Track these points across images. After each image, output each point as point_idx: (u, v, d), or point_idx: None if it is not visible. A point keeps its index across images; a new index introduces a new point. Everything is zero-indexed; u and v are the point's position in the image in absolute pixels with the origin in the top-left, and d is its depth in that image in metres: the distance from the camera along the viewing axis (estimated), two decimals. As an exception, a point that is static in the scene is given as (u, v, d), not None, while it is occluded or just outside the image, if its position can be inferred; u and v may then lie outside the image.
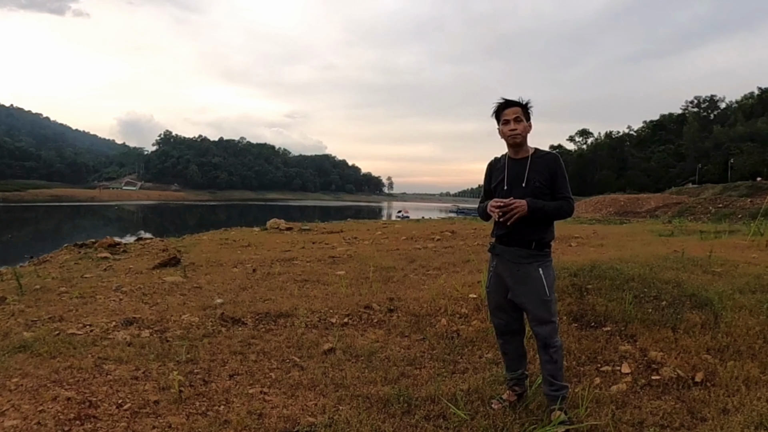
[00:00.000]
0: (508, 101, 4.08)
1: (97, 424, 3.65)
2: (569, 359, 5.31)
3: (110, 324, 5.94)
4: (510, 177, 4.06)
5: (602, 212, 71.57)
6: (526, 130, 4.06)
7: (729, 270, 8.78)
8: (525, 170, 4.03)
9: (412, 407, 4.13)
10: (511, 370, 4.30)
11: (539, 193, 3.96)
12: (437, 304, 6.93)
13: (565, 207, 4.06)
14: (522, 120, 4.03)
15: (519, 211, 3.84)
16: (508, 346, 4.30)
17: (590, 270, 7.77)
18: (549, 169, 4.04)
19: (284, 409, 4.03)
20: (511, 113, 4.02)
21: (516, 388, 4.28)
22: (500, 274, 4.13)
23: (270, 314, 6.53)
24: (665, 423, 4.05)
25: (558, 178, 4.05)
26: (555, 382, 4.01)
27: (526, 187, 3.98)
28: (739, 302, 6.60)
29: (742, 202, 60.42)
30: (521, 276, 4.01)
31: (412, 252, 12.90)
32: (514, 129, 4.00)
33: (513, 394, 4.27)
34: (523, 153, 4.10)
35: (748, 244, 14.00)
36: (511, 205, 3.83)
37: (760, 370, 4.97)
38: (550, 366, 4.01)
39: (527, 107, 4.10)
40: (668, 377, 4.87)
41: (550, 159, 4.10)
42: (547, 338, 3.99)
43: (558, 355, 4.03)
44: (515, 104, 4.06)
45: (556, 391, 3.99)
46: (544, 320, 3.99)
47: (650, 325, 5.99)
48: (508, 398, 4.26)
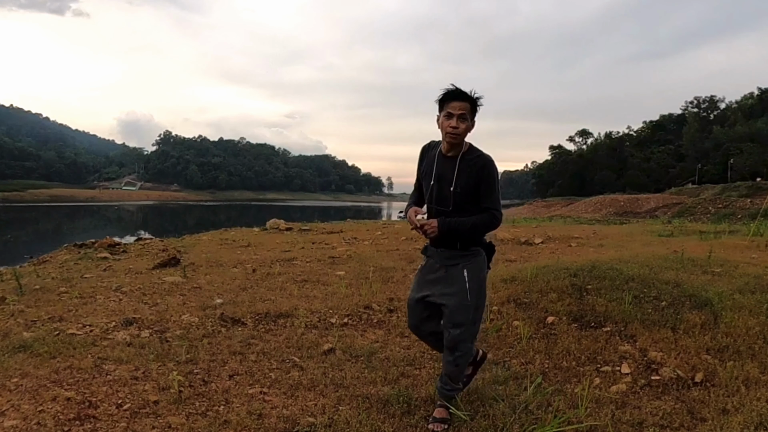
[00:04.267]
0: (459, 92, 3.67)
1: (97, 424, 3.65)
2: (569, 359, 5.32)
3: (110, 324, 5.94)
4: (438, 174, 3.82)
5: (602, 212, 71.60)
6: (467, 130, 3.71)
7: (729, 270, 8.78)
8: (453, 172, 3.76)
9: (412, 407, 4.13)
10: None
11: (461, 199, 3.75)
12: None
13: (486, 222, 3.80)
14: (467, 119, 3.68)
15: (432, 233, 3.73)
16: (438, 346, 4.15)
17: (590, 270, 7.77)
18: (475, 176, 3.74)
19: (284, 409, 4.03)
20: (458, 107, 3.65)
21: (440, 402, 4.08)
22: (425, 274, 4.01)
23: (270, 314, 6.53)
24: (665, 423, 4.05)
25: (483, 187, 3.75)
26: (450, 383, 3.96)
27: (449, 190, 3.76)
28: (738, 302, 6.60)
29: (741, 203, 60.44)
30: (448, 278, 3.85)
31: (412, 252, 12.88)
32: (455, 127, 3.64)
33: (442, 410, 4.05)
34: (455, 151, 3.78)
35: (748, 245, 14.00)
36: (425, 227, 3.72)
37: (759, 371, 4.97)
38: (452, 368, 3.91)
39: (477, 104, 3.72)
40: (668, 377, 4.87)
41: (478, 165, 3.76)
42: (458, 342, 3.82)
43: (462, 360, 3.91)
44: (466, 98, 3.67)
45: (449, 391, 3.96)
46: (458, 323, 3.81)
47: (650, 326, 5.99)
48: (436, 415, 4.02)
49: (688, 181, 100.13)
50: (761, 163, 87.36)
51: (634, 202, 77.29)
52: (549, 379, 4.86)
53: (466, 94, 3.66)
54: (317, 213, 69.31)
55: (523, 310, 6.63)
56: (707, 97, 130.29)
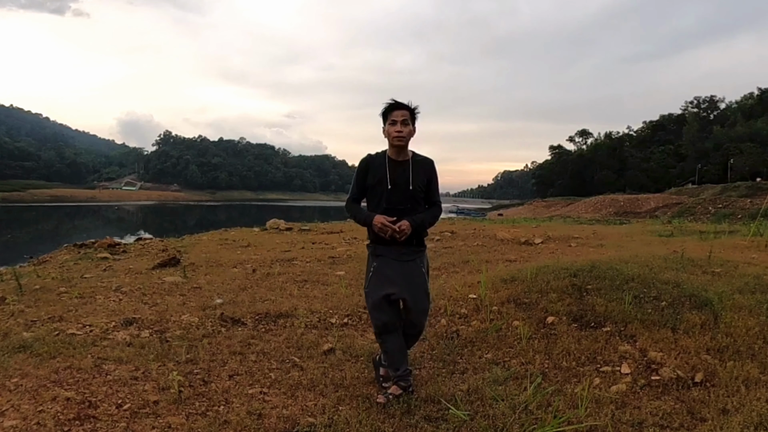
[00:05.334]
0: (398, 103, 4.25)
1: (97, 424, 3.65)
2: (569, 359, 5.31)
3: (110, 324, 5.94)
4: (392, 178, 4.25)
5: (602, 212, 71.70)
6: (410, 134, 4.25)
7: (729, 270, 8.78)
8: (408, 173, 4.27)
9: (411, 408, 4.13)
10: (395, 368, 4.40)
11: (418, 197, 4.30)
12: (437, 305, 6.92)
13: (438, 213, 4.50)
14: (408, 124, 4.22)
15: (407, 233, 4.15)
16: (389, 344, 4.41)
17: (590, 270, 7.77)
18: (427, 175, 4.37)
19: (284, 409, 4.03)
20: (400, 115, 4.20)
21: (402, 383, 4.37)
22: (383, 274, 4.30)
23: (270, 314, 6.53)
24: (665, 423, 4.05)
25: (433, 183, 4.43)
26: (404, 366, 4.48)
27: (407, 190, 4.25)
28: (738, 302, 6.59)
29: (741, 203, 60.52)
30: (408, 272, 4.30)
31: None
32: (400, 131, 4.18)
33: (398, 388, 4.34)
34: (404, 155, 4.32)
35: (748, 245, 13.99)
36: (400, 230, 4.10)
37: (759, 371, 4.97)
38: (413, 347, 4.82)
39: (415, 112, 4.29)
40: (668, 377, 4.87)
41: (428, 164, 4.41)
42: (422, 327, 4.56)
43: None
44: (404, 107, 4.24)
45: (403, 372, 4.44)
46: (425, 310, 4.47)
47: (650, 326, 5.99)
48: (393, 392, 4.30)
49: (688, 181, 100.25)
50: (761, 163, 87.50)
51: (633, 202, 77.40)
52: (549, 379, 4.85)
53: (404, 104, 4.26)
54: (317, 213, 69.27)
55: (523, 310, 6.62)
56: (707, 98, 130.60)
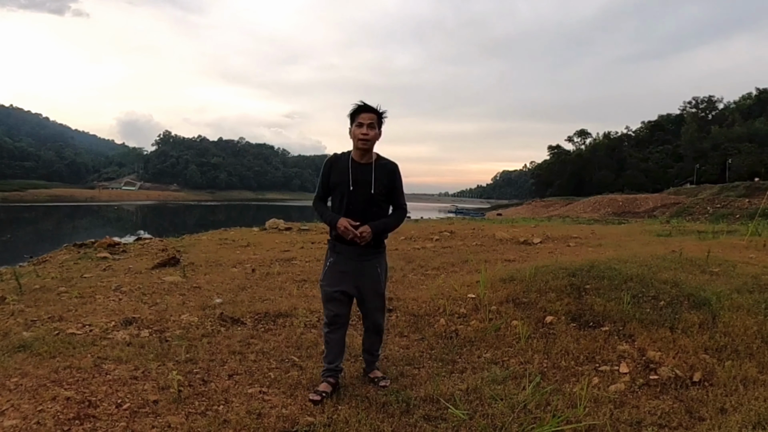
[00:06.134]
0: (366, 106, 4.30)
1: (97, 423, 3.65)
2: (567, 359, 5.32)
3: (110, 324, 5.94)
4: (355, 179, 4.30)
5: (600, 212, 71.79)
6: (376, 137, 4.30)
7: (727, 270, 8.78)
8: (371, 175, 4.32)
9: (410, 407, 4.14)
10: (329, 361, 4.50)
11: (379, 200, 4.36)
12: (436, 304, 6.93)
13: (402, 217, 4.55)
14: (375, 127, 4.28)
15: (367, 239, 4.22)
16: (333, 336, 4.51)
17: (588, 270, 7.77)
18: (391, 178, 4.42)
19: (283, 408, 4.03)
20: (367, 118, 4.25)
21: (331, 380, 4.46)
22: (339, 269, 4.40)
23: (269, 314, 6.54)
24: (663, 422, 4.05)
25: (397, 186, 4.47)
26: (376, 353, 4.81)
27: (368, 192, 4.30)
28: (736, 302, 6.60)
29: (740, 203, 60.59)
30: (364, 272, 4.41)
31: (410, 252, 12.90)
32: (366, 134, 4.23)
33: (329, 385, 4.40)
34: (368, 158, 4.36)
35: (746, 245, 14.00)
36: (362, 235, 4.18)
37: (758, 370, 4.98)
38: (377, 345, 4.82)
39: (382, 116, 4.35)
40: (666, 377, 4.87)
41: (391, 168, 4.45)
42: (380, 324, 4.66)
43: (382, 335, 4.84)
44: (373, 111, 4.29)
45: (376, 359, 4.83)
46: (378, 308, 4.58)
47: (648, 325, 5.99)
48: (324, 389, 4.34)
49: (687, 181, 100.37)
50: (759, 163, 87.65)
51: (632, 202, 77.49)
52: (547, 379, 4.86)
53: (373, 107, 4.31)
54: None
55: (522, 310, 6.63)
56: (705, 98, 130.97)
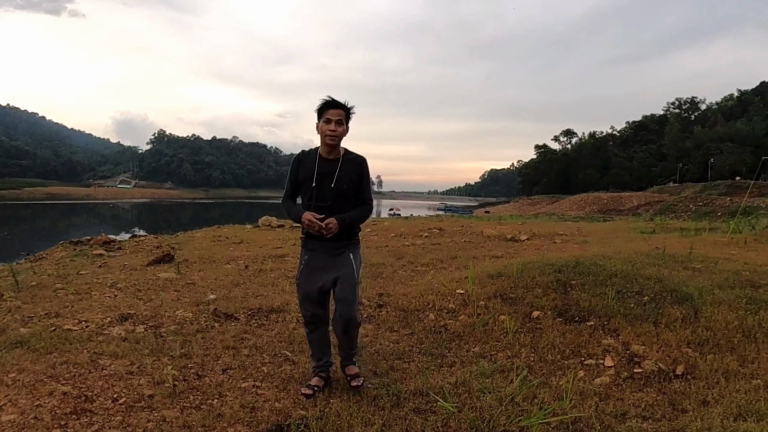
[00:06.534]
0: (335, 102, 4.19)
1: (93, 418, 3.64)
2: (554, 353, 5.34)
3: (105, 320, 5.92)
4: (320, 175, 4.19)
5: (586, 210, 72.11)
6: (343, 133, 4.20)
7: (709, 266, 8.83)
8: (335, 171, 4.20)
9: (401, 400, 4.14)
10: (318, 358, 4.49)
11: (345, 194, 4.23)
12: (425, 300, 6.94)
13: (368, 211, 4.46)
14: (343, 123, 4.17)
15: (333, 231, 4.08)
16: (314, 335, 4.46)
17: (574, 266, 7.80)
18: (357, 173, 4.29)
19: (276, 402, 4.03)
20: (335, 114, 4.14)
21: (322, 374, 4.44)
22: (314, 266, 4.29)
23: (262, 310, 6.53)
24: (647, 414, 4.07)
25: (364, 181, 4.35)
26: (351, 351, 4.48)
27: (334, 187, 4.18)
28: (718, 297, 6.63)
29: (721, 201, 60.99)
30: (337, 264, 4.26)
31: (400, 249, 12.91)
32: (334, 130, 4.12)
33: (320, 379, 4.40)
34: (335, 154, 4.25)
35: (728, 242, 14.08)
36: (327, 227, 4.04)
37: (738, 363, 5.01)
38: (350, 344, 4.43)
39: (350, 112, 4.24)
40: (650, 370, 4.90)
41: (358, 162, 4.33)
42: (352, 319, 4.27)
43: (356, 333, 4.42)
44: (340, 107, 4.19)
45: (353, 355, 4.51)
46: (351, 300, 4.26)
47: (632, 320, 6.02)
48: (316, 383, 4.33)
49: (670, 179, 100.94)
50: (740, 162, 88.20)
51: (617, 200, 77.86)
52: (534, 372, 4.88)
53: (341, 103, 4.20)
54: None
55: (509, 305, 6.64)
56: (688, 99, 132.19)
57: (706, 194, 68.55)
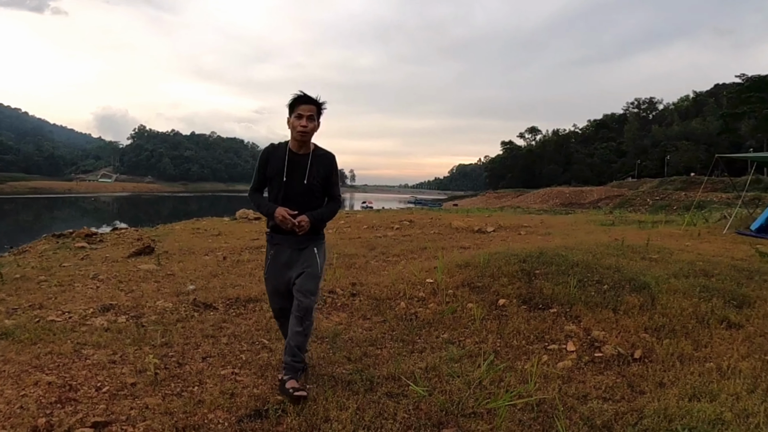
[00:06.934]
0: (307, 97, 4.03)
1: (78, 406, 3.60)
2: (519, 338, 5.38)
3: (88, 311, 5.85)
4: (290, 170, 4.05)
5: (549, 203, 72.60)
6: (314, 129, 4.06)
7: (665, 257, 8.95)
8: (306, 166, 4.06)
9: (374, 385, 4.15)
10: None
11: (314, 190, 4.09)
12: (396, 289, 6.95)
13: (336, 208, 4.29)
14: (314, 119, 4.03)
15: (305, 228, 3.97)
16: (285, 328, 4.27)
17: (538, 256, 7.86)
18: (327, 169, 4.14)
19: (255, 388, 4.02)
20: (307, 110, 3.98)
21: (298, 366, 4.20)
22: (280, 261, 4.15)
23: (240, 299, 6.49)
24: (607, 396, 4.14)
25: (333, 177, 4.19)
26: (299, 353, 4.03)
27: (306, 183, 4.04)
28: (674, 286, 6.74)
29: (677, 195, 61.78)
30: (302, 258, 4.10)
31: (373, 240, 12.90)
32: (305, 126, 3.97)
33: None
34: (305, 149, 4.10)
35: (683, 233, 14.32)
36: (300, 224, 3.92)
37: (693, 348, 5.11)
38: (301, 338, 4.03)
39: (322, 107, 4.09)
40: (610, 354, 4.97)
41: (328, 159, 4.18)
42: (308, 311, 4.02)
43: (309, 329, 4.12)
44: (312, 102, 4.03)
45: (297, 362, 4.04)
46: (311, 292, 4.05)
47: (593, 307, 6.10)
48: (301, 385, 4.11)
49: (628, 175, 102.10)
50: (695, 159, 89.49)
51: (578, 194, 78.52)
52: (501, 357, 4.92)
53: (313, 99, 4.02)
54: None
55: (477, 293, 6.68)
56: (647, 99, 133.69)
57: (663, 189, 69.38)
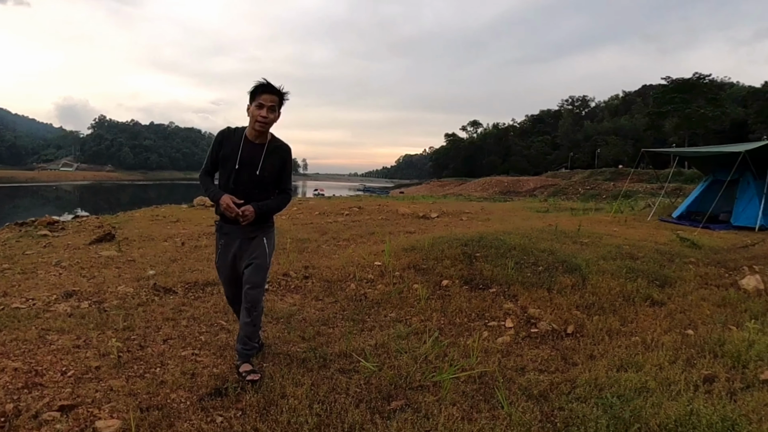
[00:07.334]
0: (271, 86, 3.75)
1: (44, 391, 3.51)
2: (461, 316, 5.47)
3: (51, 297, 5.69)
4: (243, 158, 3.79)
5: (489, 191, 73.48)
6: (274, 120, 3.80)
7: (594, 241, 9.18)
8: (260, 157, 3.82)
9: (327, 362, 4.17)
10: None
11: (266, 181, 3.86)
12: (347, 271, 6.96)
13: (286, 201, 4.06)
14: (275, 110, 3.77)
15: (249, 219, 3.74)
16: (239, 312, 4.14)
17: (478, 240, 7.97)
18: (281, 162, 3.91)
19: (214, 368, 3.98)
20: (269, 100, 3.72)
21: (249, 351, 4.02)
22: (230, 251, 3.96)
23: (198, 283, 6.41)
24: (543, 368, 4.24)
25: (286, 170, 3.97)
26: (249, 342, 3.95)
27: (258, 174, 3.82)
28: (602, 267, 6.92)
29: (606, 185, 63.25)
30: (251, 247, 3.91)
31: (324, 225, 12.86)
32: (265, 117, 3.71)
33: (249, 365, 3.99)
34: (262, 139, 3.85)
35: (611, 220, 14.69)
36: (244, 215, 3.70)
37: (620, 323, 5.28)
38: (251, 328, 3.92)
39: (284, 98, 3.83)
40: (545, 330, 5.09)
41: (283, 151, 3.95)
42: (256, 301, 3.90)
43: (258, 319, 3.99)
44: (275, 92, 3.75)
45: (249, 350, 3.96)
46: (258, 284, 3.91)
47: (529, 287, 6.22)
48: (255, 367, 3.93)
49: (562, 166, 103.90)
50: (623, 152, 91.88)
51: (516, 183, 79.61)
52: (445, 334, 4.98)
53: (276, 89, 3.74)
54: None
55: (422, 275, 6.74)
56: (580, 97, 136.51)
57: (593, 179, 70.81)
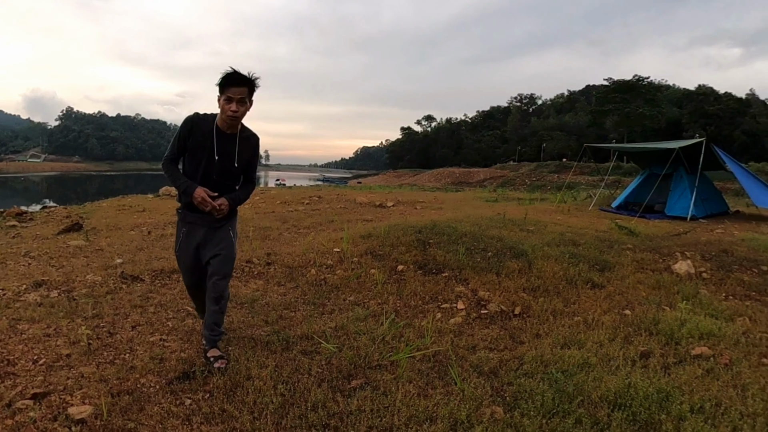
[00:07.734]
0: (239, 77, 3.43)
1: (17, 380, 3.40)
2: (416, 299, 5.50)
3: (21, 287, 5.51)
4: (219, 150, 3.56)
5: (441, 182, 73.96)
6: (245, 111, 3.53)
7: (540, 228, 9.32)
8: (234, 148, 3.61)
9: (290, 344, 4.15)
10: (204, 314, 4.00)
11: (236, 172, 3.68)
12: (307, 257, 6.93)
13: (251, 190, 3.90)
14: (245, 102, 3.49)
15: (224, 212, 3.63)
16: (198, 299, 4.13)
17: (431, 228, 8.02)
18: (251, 152, 3.72)
19: (182, 353, 3.93)
20: (238, 92, 3.42)
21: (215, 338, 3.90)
22: (194, 239, 3.78)
23: (164, 271, 6.30)
24: (493, 346, 4.30)
25: (254, 161, 3.80)
26: (216, 328, 3.83)
27: (237, 166, 3.64)
28: (547, 253, 7.03)
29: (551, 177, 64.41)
30: (216, 238, 3.75)
31: (285, 214, 12.77)
32: (235, 111, 3.45)
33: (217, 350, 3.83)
34: (233, 129, 3.60)
35: (555, 209, 14.93)
36: (220, 208, 3.57)
37: (563, 305, 5.38)
38: (218, 315, 3.80)
39: (254, 86, 3.52)
40: (494, 311, 5.15)
41: (254, 141, 3.75)
42: (223, 290, 3.78)
43: (225, 306, 3.90)
44: (244, 84, 3.45)
45: (216, 336, 3.85)
46: (227, 275, 3.79)
47: (479, 271, 6.28)
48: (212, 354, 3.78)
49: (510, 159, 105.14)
50: (567, 147, 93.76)
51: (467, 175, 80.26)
52: (401, 316, 5.01)
53: (245, 79, 3.45)
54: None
55: (378, 261, 6.76)
56: (528, 95, 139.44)
57: (539, 172, 71.83)
